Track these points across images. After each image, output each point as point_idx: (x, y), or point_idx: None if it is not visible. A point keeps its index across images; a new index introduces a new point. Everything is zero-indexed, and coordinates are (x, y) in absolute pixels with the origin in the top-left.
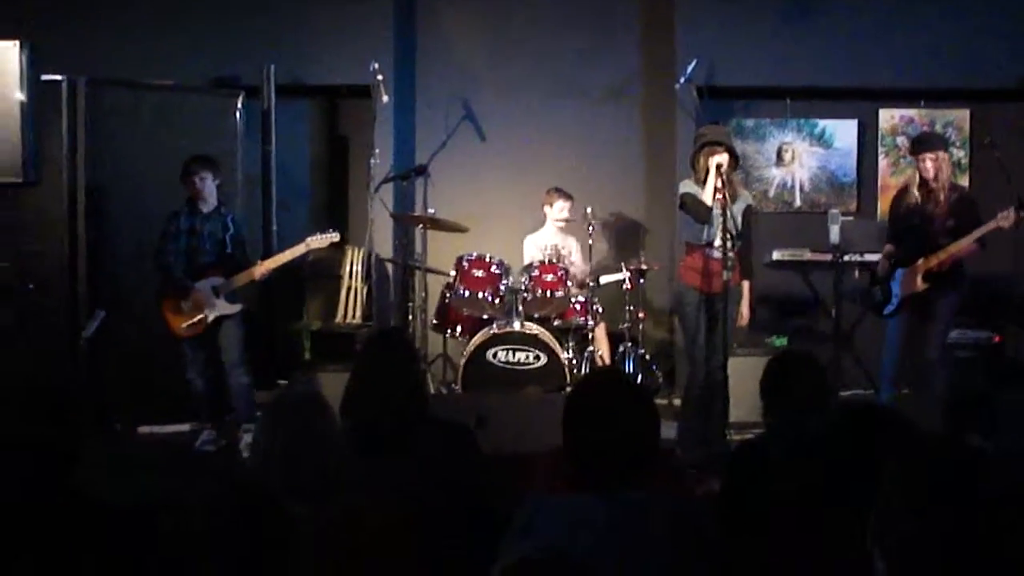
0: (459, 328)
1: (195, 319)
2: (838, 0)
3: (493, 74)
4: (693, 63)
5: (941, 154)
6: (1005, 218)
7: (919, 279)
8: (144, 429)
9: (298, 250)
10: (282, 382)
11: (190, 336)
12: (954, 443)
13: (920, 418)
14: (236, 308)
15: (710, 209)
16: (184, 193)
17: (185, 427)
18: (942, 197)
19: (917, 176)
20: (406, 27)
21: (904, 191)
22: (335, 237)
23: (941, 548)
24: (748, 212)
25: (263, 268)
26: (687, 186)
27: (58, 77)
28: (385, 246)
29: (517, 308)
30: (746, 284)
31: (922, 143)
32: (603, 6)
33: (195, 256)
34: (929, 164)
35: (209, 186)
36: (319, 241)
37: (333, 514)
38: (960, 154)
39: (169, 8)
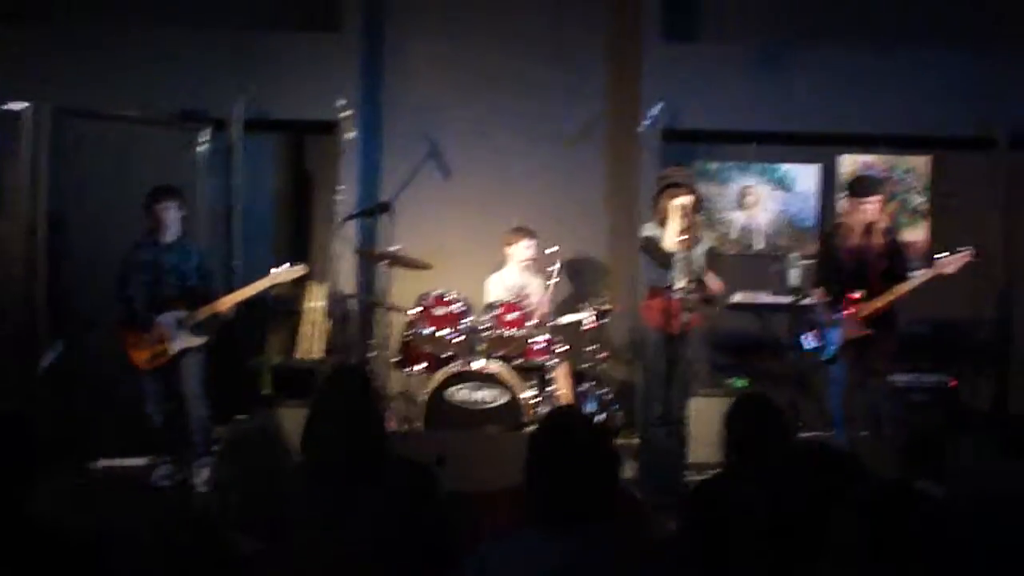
0: (420, 366)
1: (157, 352)
2: (801, 46)
3: (459, 112)
4: (657, 106)
5: (882, 198)
6: (944, 264)
7: (861, 324)
8: (102, 462)
9: (263, 283)
10: (241, 416)
11: (152, 369)
12: (905, 488)
13: (875, 461)
14: (200, 341)
15: (671, 256)
16: (146, 223)
17: (142, 461)
18: (877, 242)
19: (855, 218)
20: (373, 64)
21: (836, 235)
22: (301, 271)
23: None
24: (711, 253)
25: (228, 301)
26: (649, 229)
27: (22, 105)
28: (348, 282)
29: (479, 347)
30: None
31: (866, 187)
32: (570, 48)
33: (158, 288)
34: (875, 207)
35: (173, 216)
36: (284, 275)
37: (287, 550)
38: (919, 200)
39: (137, 40)
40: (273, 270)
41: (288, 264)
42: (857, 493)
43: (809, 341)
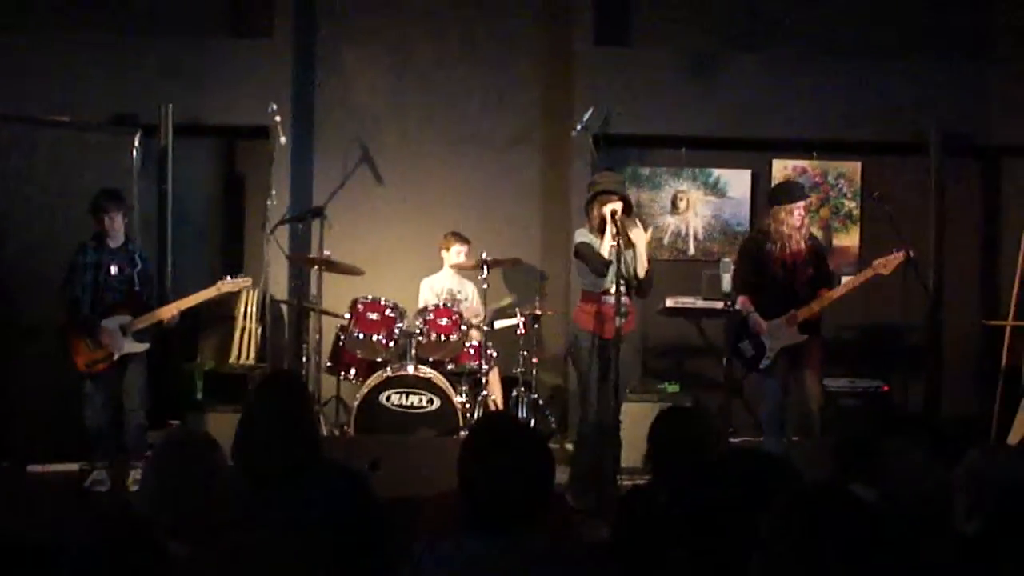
0: (353, 371)
1: (100, 356)
2: (733, 52)
3: (392, 118)
4: (589, 111)
5: (806, 204)
6: (883, 265)
7: (796, 331)
8: (33, 468)
9: (208, 293)
10: (174, 422)
11: (94, 373)
12: (839, 492)
13: (808, 466)
14: (143, 347)
15: (608, 263)
16: (93, 227)
17: (75, 466)
18: (804, 246)
19: (789, 224)
20: (305, 68)
21: (759, 241)
22: (247, 282)
23: None
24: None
25: (172, 309)
26: (582, 235)
27: None
28: (280, 287)
29: (411, 351)
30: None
31: (790, 193)
32: (504, 54)
33: (102, 291)
34: (801, 214)
35: (118, 224)
36: (231, 285)
37: (218, 555)
38: (851, 205)
39: (68, 45)
40: (220, 281)
41: (232, 275)
42: (790, 496)
43: (747, 348)
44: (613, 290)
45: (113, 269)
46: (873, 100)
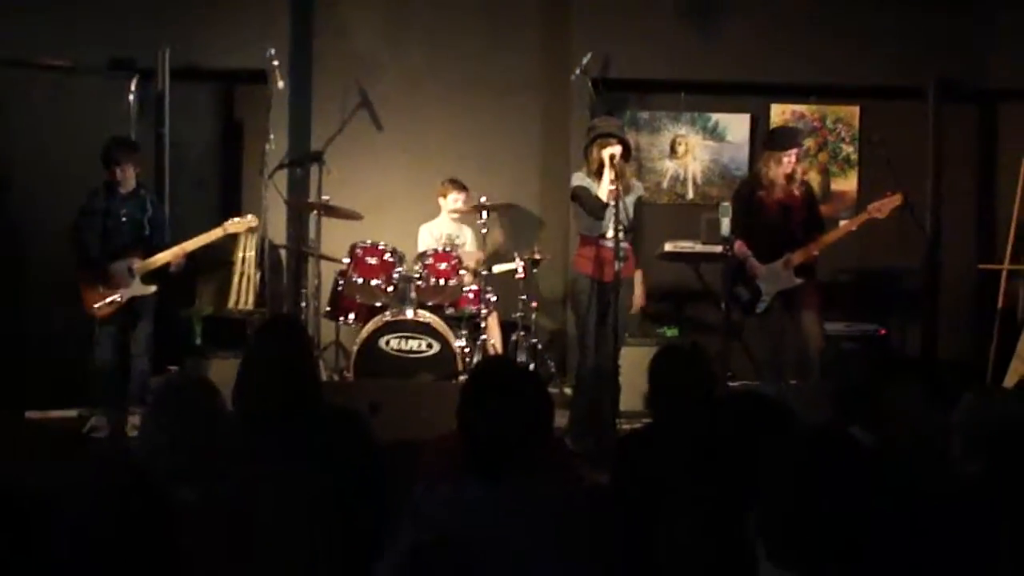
0: (352, 315)
1: (109, 299)
2: None
3: (391, 63)
4: (587, 56)
5: (798, 150)
6: (877, 209)
7: (791, 274)
8: (32, 414)
9: (215, 234)
10: (172, 368)
11: (103, 316)
12: (837, 435)
13: (806, 409)
14: (150, 290)
15: (605, 205)
16: (104, 175)
17: (73, 412)
18: (797, 192)
19: (780, 172)
20: (303, 12)
21: (753, 186)
22: (253, 222)
23: (820, 535)
24: (639, 203)
25: (179, 250)
26: (580, 179)
27: None
28: (279, 232)
29: (410, 296)
30: (639, 273)
31: (787, 138)
32: None
33: (112, 237)
34: (794, 159)
35: (130, 173)
36: (236, 225)
37: (220, 499)
38: (849, 150)
39: None
40: (226, 222)
41: (241, 216)
42: (789, 439)
43: (742, 293)
44: (610, 234)
45: (124, 215)
46: (871, 45)
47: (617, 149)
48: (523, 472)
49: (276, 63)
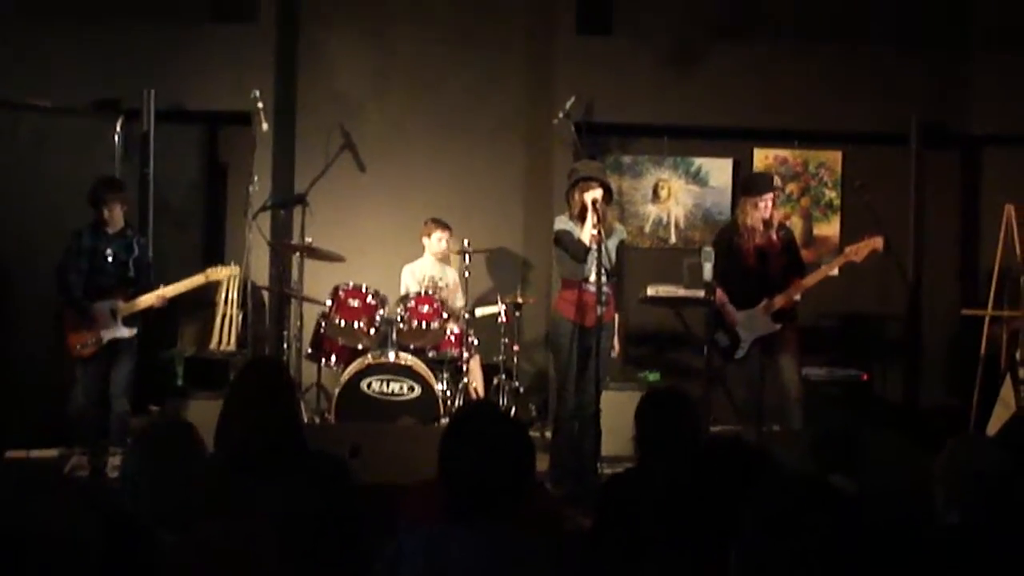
0: (334, 357)
1: (90, 340)
2: (714, 41)
3: (375, 105)
4: (571, 100)
5: (775, 195)
6: (855, 252)
7: (769, 320)
8: (12, 453)
9: (196, 280)
10: (154, 408)
11: (84, 357)
12: (817, 482)
13: (787, 456)
14: (131, 332)
15: (588, 249)
16: (92, 214)
17: (54, 452)
18: (775, 237)
19: (757, 217)
20: (287, 55)
21: (732, 233)
22: (235, 270)
23: None
24: (621, 247)
25: (161, 294)
26: (562, 222)
27: None
28: (262, 274)
29: (392, 338)
30: (617, 317)
31: (761, 183)
32: (487, 40)
33: (97, 276)
34: (769, 204)
35: (117, 213)
36: (217, 273)
37: (199, 540)
38: (832, 195)
39: (48, 28)
40: (208, 269)
41: (223, 262)
42: (770, 487)
43: (721, 339)
44: (593, 278)
45: (109, 255)
46: (854, 90)
47: (599, 193)
48: (504, 517)
49: (260, 105)
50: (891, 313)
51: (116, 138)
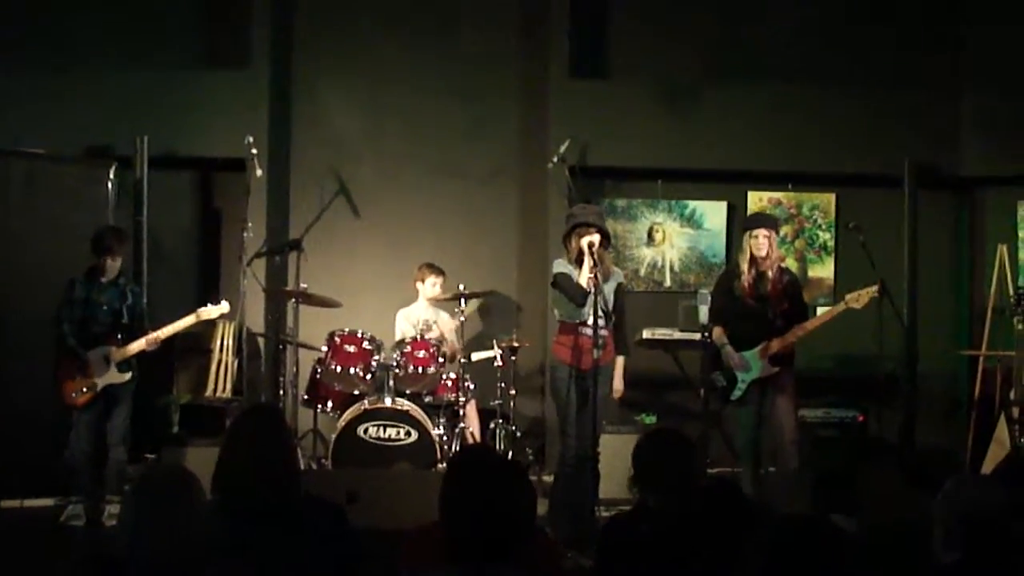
0: (330, 403)
1: (85, 387)
2: (708, 84)
3: (369, 150)
4: (565, 143)
5: (773, 233)
6: (855, 299)
7: (767, 363)
8: (8, 503)
9: (187, 321)
10: (150, 456)
11: (80, 405)
12: (818, 521)
13: (785, 496)
14: (126, 377)
15: (587, 293)
16: (91, 261)
17: (50, 501)
18: (771, 276)
19: (748, 254)
20: (282, 100)
21: (733, 274)
22: (225, 308)
23: None
24: (620, 290)
25: (153, 337)
26: (561, 266)
27: None
28: (257, 320)
29: (388, 384)
30: (620, 359)
31: (754, 220)
32: (481, 85)
33: (91, 325)
34: (762, 240)
35: (117, 263)
36: (209, 312)
37: None
38: (826, 237)
39: (42, 76)
40: (200, 308)
41: (212, 303)
42: (771, 525)
43: (718, 379)
44: (589, 321)
45: (103, 303)
46: (847, 132)
47: (596, 237)
48: (506, 560)
49: (254, 151)
50: (886, 354)
51: (109, 185)
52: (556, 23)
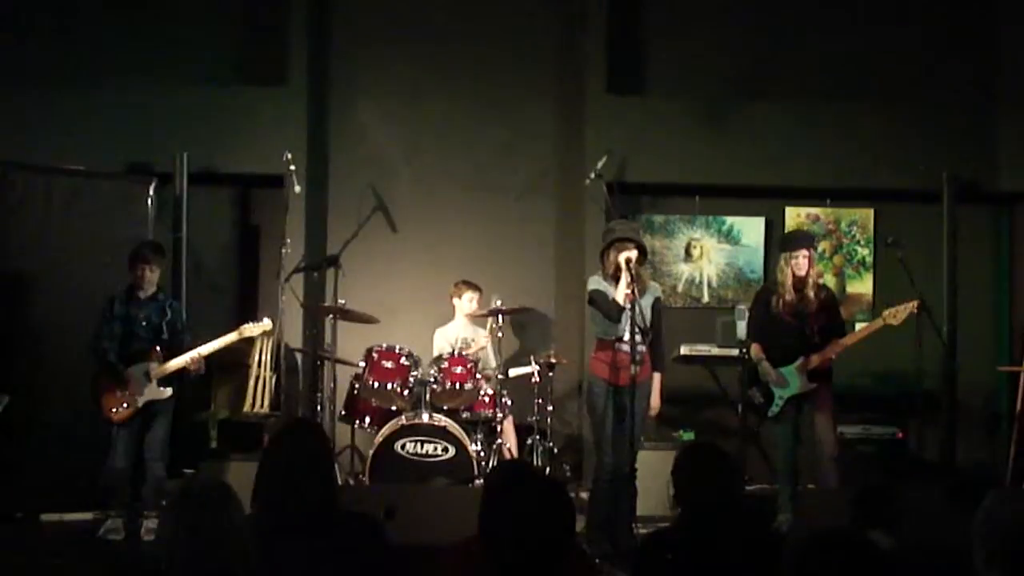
0: (367, 419)
1: (126, 403)
2: (745, 100)
3: (406, 166)
4: (603, 159)
5: (812, 252)
6: (893, 315)
7: (805, 379)
8: (47, 516)
9: (231, 338)
10: (188, 471)
11: (120, 420)
12: (857, 538)
13: (822, 514)
14: (167, 393)
15: (622, 309)
16: (129, 278)
17: (88, 515)
18: (812, 295)
19: (789, 273)
20: (320, 117)
21: (771, 290)
22: (268, 326)
23: None
24: (657, 304)
25: (195, 354)
26: (596, 282)
27: None
28: (295, 336)
29: (426, 400)
30: (657, 376)
31: (795, 240)
32: (518, 101)
33: (131, 341)
34: (803, 261)
35: (156, 275)
36: (252, 329)
37: None
38: (864, 252)
39: (82, 93)
40: (242, 325)
41: (256, 320)
42: (810, 540)
43: (756, 395)
44: (626, 337)
45: (143, 319)
46: (885, 147)
47: (633, 253)
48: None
49: (292, 167)
50: (926, 370)
51: (149, 202)
52: (593, 39)
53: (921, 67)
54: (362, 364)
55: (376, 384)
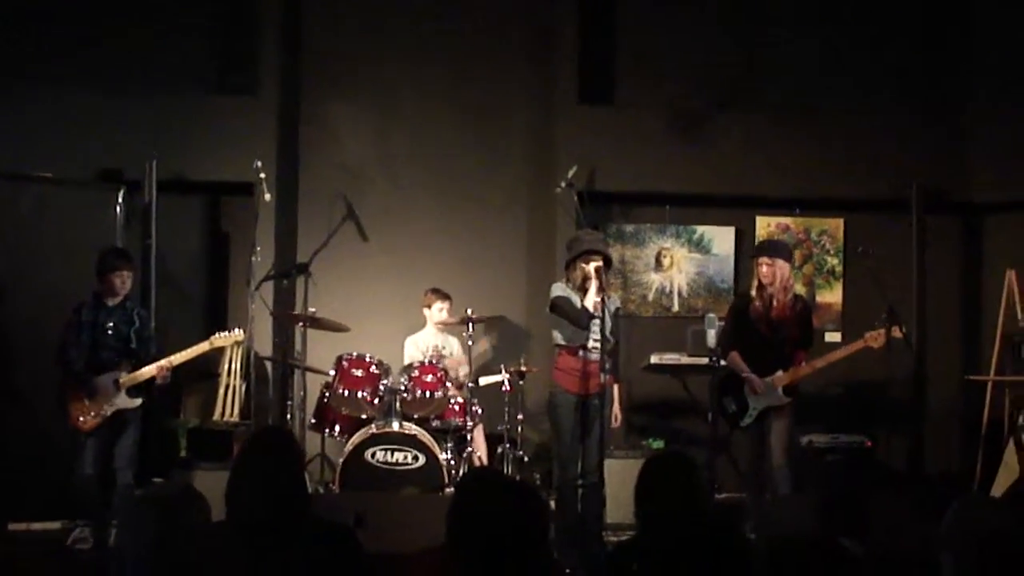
0: (337, 427)
1: (94, 412)
2: (715, 110)
3: (377, 175)
4: (573, 168)
5: (779, 261)
6: (874, 339)
7: (780, 392)
8: (15, 525)
9: (201, 348)
10: (158, 480)
11: (88, 430)
12: (827, 544)
13: (789, 521)
14: (136, 402)
15: (592, 316)
16: (97, 286)
17: (57, 524)
18: (775, 303)
19: (756, 282)
20: (290, 125)
21: (746, 298)
22: (239, 336)
23: None
24: (618, 313)
25: (165, 363)
26: (560, 289)
27: None
28: (264, 344)
29: (396, 408)
30: (616, 386)
31: (759, 248)
32: (489, 111)
33: (99, 349)
34: (764, 269)
35: (122, 283)
36: (223, 339)
37: None
38: (834, 262)
39: (51, 100)
40: (212, 336)
41: (226, 329)
42: (780, 547)
43: (729, 404)
44: (590, 344)
45: (110, 328)
46: (855, 158)
47: (600, 263)
48: None
49: (263, 175)
50: (895, 379)
51: (118, 209)
52: (564, 49)
53: (891, 78)
54: (332, 372)
55: (346, 392)
